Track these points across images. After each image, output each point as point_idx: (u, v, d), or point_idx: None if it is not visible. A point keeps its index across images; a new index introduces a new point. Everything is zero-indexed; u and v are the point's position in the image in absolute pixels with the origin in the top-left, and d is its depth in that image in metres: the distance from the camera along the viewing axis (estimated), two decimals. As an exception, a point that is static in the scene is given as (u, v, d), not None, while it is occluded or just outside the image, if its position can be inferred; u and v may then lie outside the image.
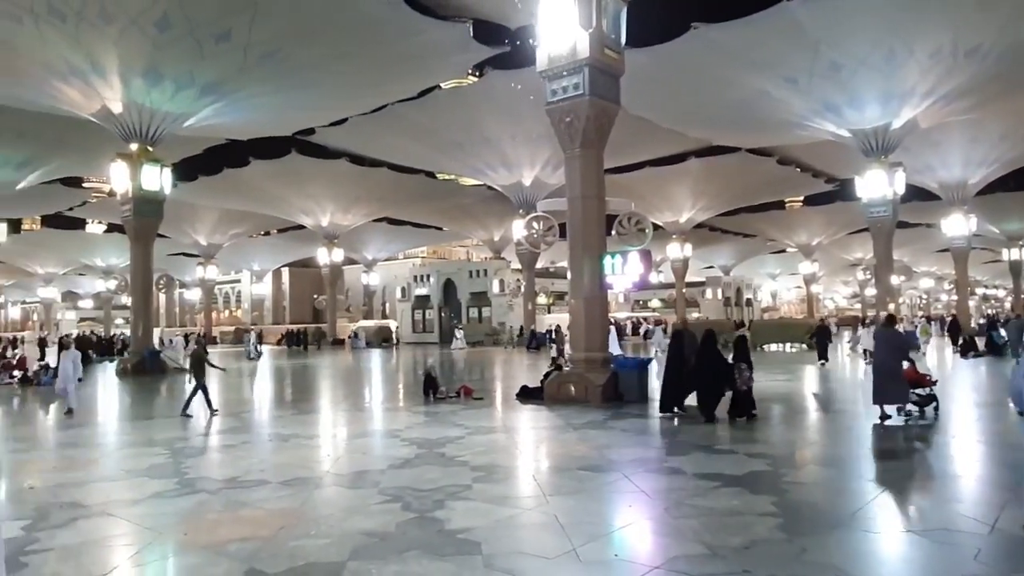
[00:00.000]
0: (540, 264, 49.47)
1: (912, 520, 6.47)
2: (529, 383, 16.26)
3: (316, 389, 21.13)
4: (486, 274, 52.65)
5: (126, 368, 25.92)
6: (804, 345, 31.20)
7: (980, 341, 27.62)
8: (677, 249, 54.43)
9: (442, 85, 34.84)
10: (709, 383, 11.94)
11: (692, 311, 64.87)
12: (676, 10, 28.15)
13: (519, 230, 35.24)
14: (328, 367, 29.33)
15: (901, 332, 12.90)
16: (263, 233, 67.80)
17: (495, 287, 51.32)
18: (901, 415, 11.25)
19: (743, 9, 24.51)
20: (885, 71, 26.35)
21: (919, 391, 11.58)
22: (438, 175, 51.95)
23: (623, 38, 15.71)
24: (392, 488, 7.46)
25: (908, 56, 25.47)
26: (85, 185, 55.17)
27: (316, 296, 70.39)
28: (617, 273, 15.20)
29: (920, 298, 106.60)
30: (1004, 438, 10.32)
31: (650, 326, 49.31)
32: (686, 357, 12.82)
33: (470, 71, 33.21)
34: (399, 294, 57.01)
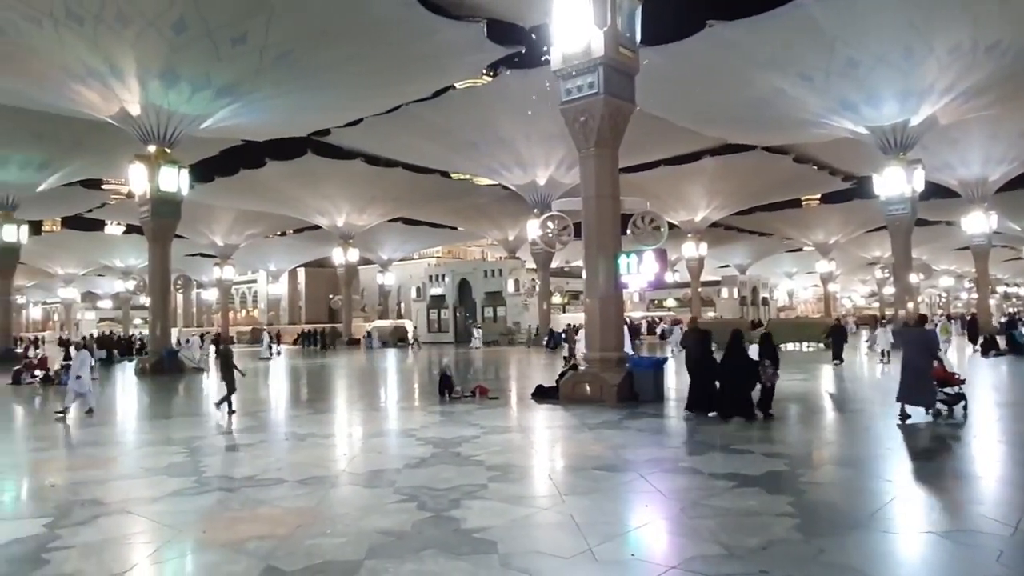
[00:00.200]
0: (555, 263, 49.43)
1: (932, 521, 6.39)
2: (544, 383, 16.25)
3: (332, 389, 21.23)
4: (501, 274, 52.64)
5: (145, 368, 26.18)
6: (821, 344, 30.96)
7: (1001, 340, 27.25)
8: (692, 248, 54.15)
9: (456, 85, 34.89)
10: (738, 382, 11.91)
11: (708, 310, 64.61)
12: (691, 8, 28.06)
13: (534, 230, 35.23)
14: (344, 367, 29.47)
15: (932, 332, 12.78)
16: (279, 233, 68.24)
17: (510, 287, 51.31)
18: (929, 414, 11.13)
19: (758, 7, 24.38)
20: (903, 68, 26.09)
21: (948, 390, 11.46)
22: (453, 175, 52.03)
23: (638, 36, 15.65)
24: (408, 487, 7.48)
25: (927, 52, 25.20)
26: (104, 187, 55.63)
27: (332, 296, 70.76)
28: (632, 272, 15.13)
29: (939, 296, 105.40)
30: (1026, 438, 10.18)
31: (667, 325, 49.09)
32: (704, 357, 12.92)
33: (484, 71, 33.22)
34: (414, 294, 57.12)
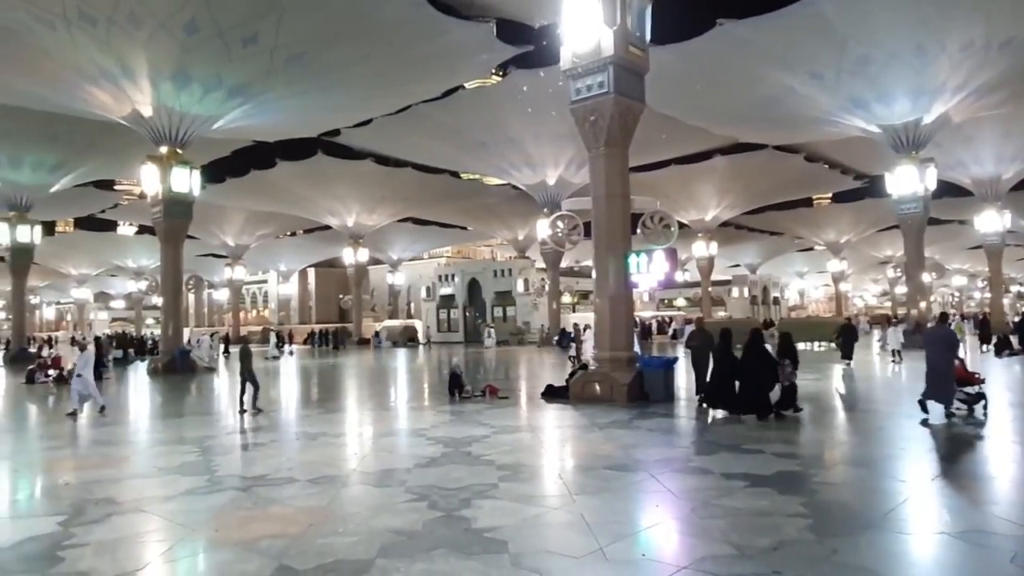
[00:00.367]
0: (564, 263, 49.35)
1: (946, 522, 6.34)
2: (554, 382, 16.25)
3: (342, 388, 21.29)
4: (511, 273, 52.63)
5: (157, 367, 26.36)
6: (832, 344, 30.78)
7: (1014, 339, 27.00)
8: (703, 247, 53.98)
9: (466, 85, 34.92)
10: (758, 381, 11.87)
11: (718, 310, 64.35)
12: (701, 6, 27.95)
13: (543, 229, 35.20)
14: (354, 366, 29.55)
15: (953, 330, 12.70)
16: (289, 234, 68.53)
17: (519, 286, 51.30)
18: (946, 414, 11.06)
19: (769, 5, 24.28)
20: (915, 65, 25.91)
21: (968, 389, 11.38)
22: (462, 175, 52.10)
23: (648, 35, 15.61)
24: (419, 487, 7.50)
25: (939, 50, 25.02)
26: (116, 188, 56.19)
27: (342, 296, 70.96)
28: (642, 272, 15.11)
29: (952, 296, 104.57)
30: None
31: (678, 325, 48.92)
32: (725, 355, 13.08)
33: (494, 71, 33.25)
34: (424, 294, 57.19)
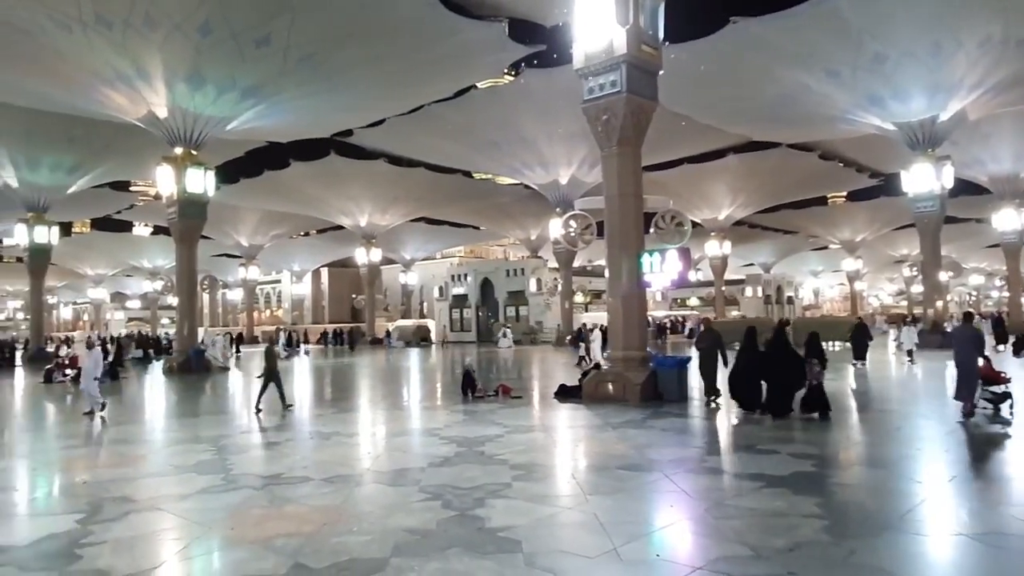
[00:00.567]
0: (577, 263, 49.29)
1: (964, 523, 6.28)
2: (567, 382, 16.23)
3: (355, 388, 21.36)
4: (523, 273, 52.64)
5: (172, 367, 26.57)
6: (848, 343, 30.55)
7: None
8: (716, 247, 53.75)
9: (478, 85, 34.93)
10: (784, 380, 11.79)
11: (731, 309, 64.03)
12: (715, 4, 27.81)
13: (556, 229, 35.16)
14: (367, 366, 29.64)
15: (980, 329, 12.58)
16: (303, 234, 68.87)
17: (532, 286, 51.31)
18: (971, 409, 10.96)
19: (783, 2, 24.12)
20: (931, 62, 25.67)
21: (994, 388, 11.26)
22: (475, 175, 52.14)
23: (661, 34, 15.56)
24: (432, 486, 7.51)
25: (956, 46, 24.78)
26: (132, 188, 56.68)
27: (355, 296, 71.25)
28: (655, 271, 15.06)
29: (969, 295, 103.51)
30: (1061, 439, 9.97)
31: (694, 324, 48.68)
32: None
33: (506, 70, 33.24)
34: (436, 293, 57.29)
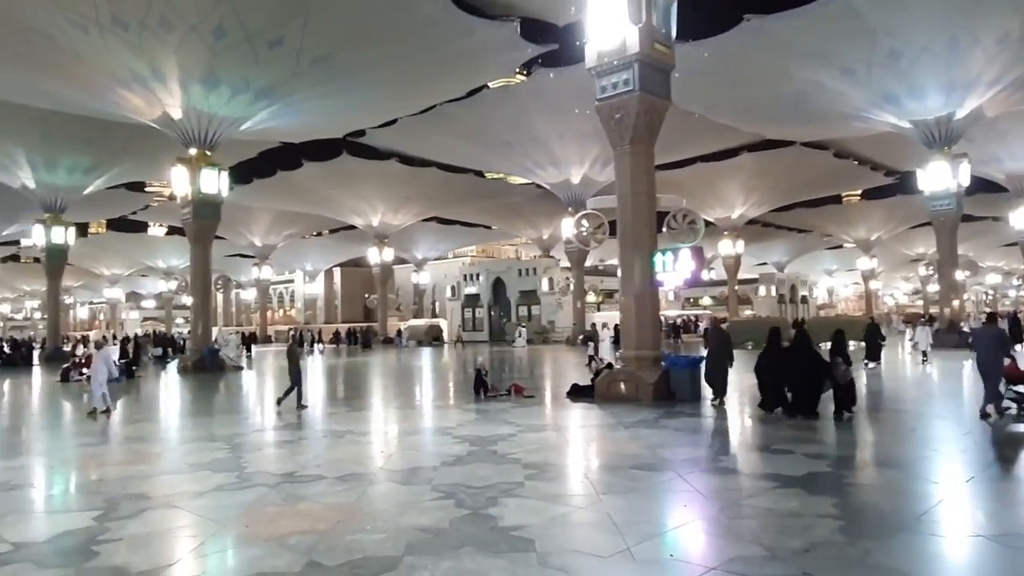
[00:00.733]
0: (589, 262, 49.23)
1: (981, 524, 6.21)
2: (580, 381, 16.21)
3: (368, 387, 21.42)
4: (535, 272, 52.66)
5: (186, 366, 26.78)
6: (862, 343, 30.32)
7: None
8: (729, 246, 53.52)
9: (490, 84, 34.97)
10: (807, 380, 11.69)
11: (745, 308, 63.70)
12: (728, 2, 27.69)
13: (568, 228, 35.13)
14: (380, 365, 29.74)
15: (1003, 329, 12.47)
16: (315, 234, 69.20)
17: (544, 285, 51.30)
18: (992, 409, 10.87)
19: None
20: (948, 59, 25.43)
21: (1020, 388, 11.14)
22: (487, 174, 52.21)
23: (674, 32, 15.49)
24: (445, 485, 7.52)
25: (973, 42, 24.53)
26: (147, 189, 57.15)
27: (367, 295, 71.46)
28: (668, 270, 15.01)
29: (986, 294, 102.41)
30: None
31: (709, 323, 48.44)
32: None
33: (518, 70, 33.26)
34: (449, 293, 57.43)
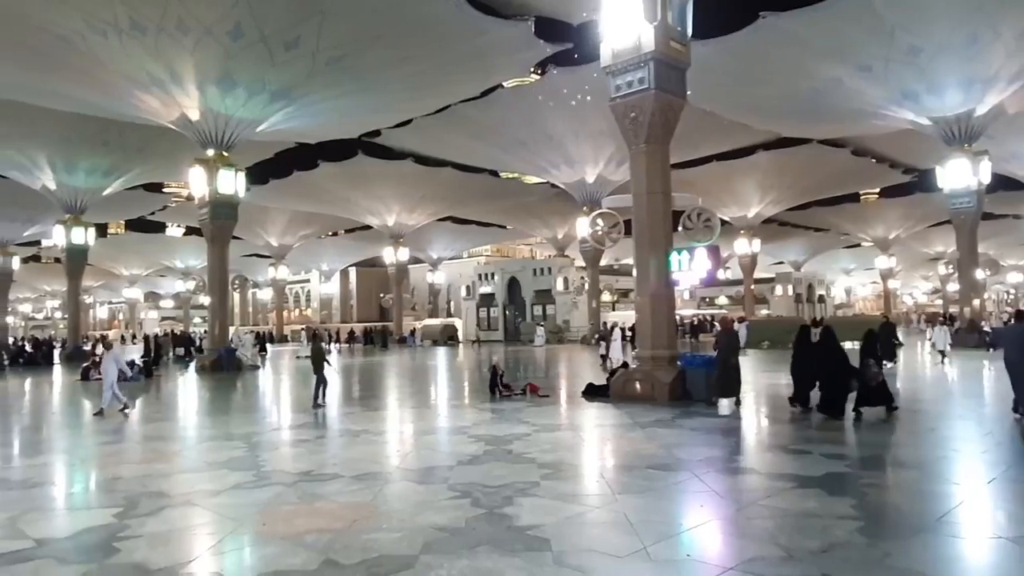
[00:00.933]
0: (604, 261, 49.15)
1: (1003, 526, 6.13)
2: (595, 381, 16.19)
3: (384, 386, 21.49)
4: (550, 272, 52.62)
5: (204, 365, 27.01)
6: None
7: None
8: (745, 245, 53.23)
9: (505, 84, 35.00)
10: (835, 380, 11.59)
11: (761, 308, 63.30)
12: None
13: (583, 227, 35.09)
14: (395, 364, 29.83)
15: None
16: (331, 234, 69.61)
17: (559, 285, 51.25)
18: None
19: (813, -4, 23.82)
20: (967, 55, 25.14)
21: None
22: (501, 174, 52.26)
23: (689, 30, 15.44)
24: (461, 484, 7.53)
25: (993, 38, 24.24)
26: (165, 190, 57.85)
27: (382, 295, 71.77)
28: (684, 269, 14.94)
29: (1007, 293, 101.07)
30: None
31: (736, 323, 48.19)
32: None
33: (533, 69, 33.26)
34: (464, 292, 57.53)
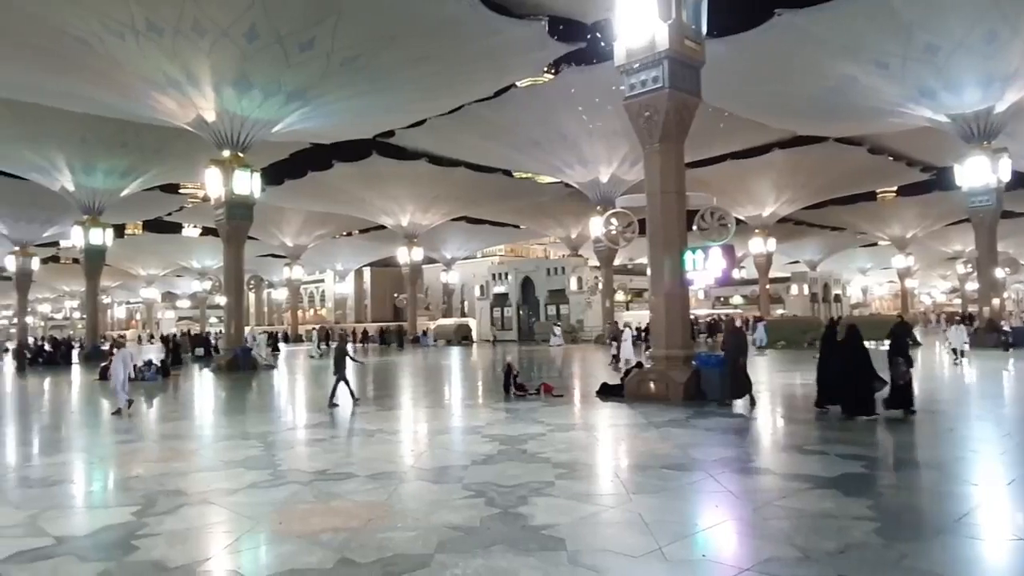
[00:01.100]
0: (618, 261, 49.04)
1: (1023, 527, 6.07)
2: (609, 380, 16.16)
3: (398, 386, 21.54)
4: (564, 271, 52.56)
5: (220, 365, 27.21)
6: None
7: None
8: (760, 244, 52.89)
9: (518, 84, 35.00)
10: (862, 379, 11.47)
11: (777, 307, 62.91)
12: (758, -3, 27.35)
13: (597, 227, 35.02)
14: (410, 364, 29.91)
15: None
16: (346, 234, 69.88)
17: (573, 284, 51.19)
18: None
19: (829, -7, 23.63)
20: (986, 52, 24.87)
21: None
22: (515, 174, 52.26)
23: (704, 28, 15.37)
24: (475, 484, 7.55)
25: (1012, 34, 23.96)
26: (181, 191, 58.33)
27: (396, 295, 72.00)
28: (698, 269, 14.89)
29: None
30: None
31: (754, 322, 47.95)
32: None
33: (546, 68, 33.24)
34: (478, 292, 57.57)
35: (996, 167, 29.25)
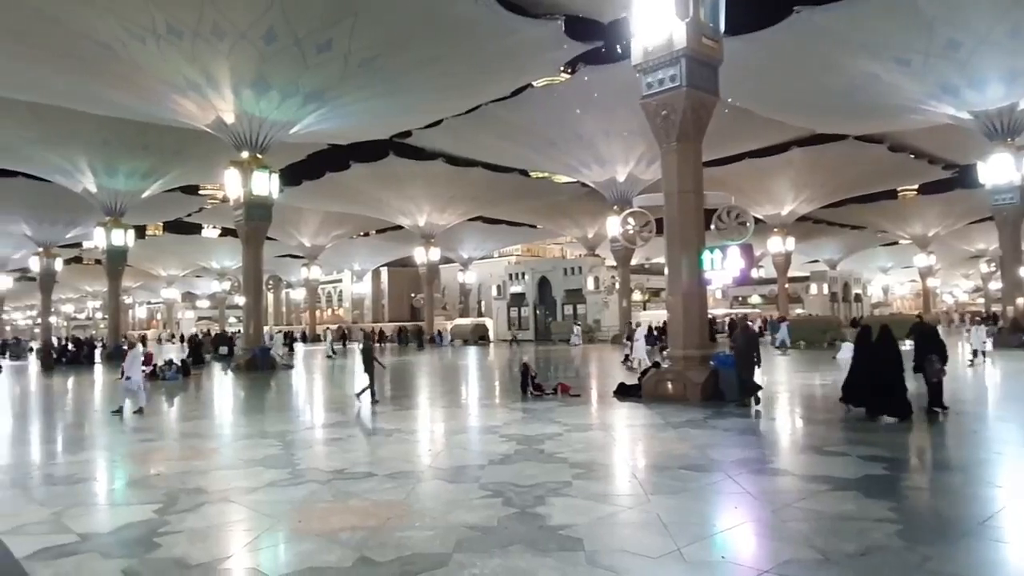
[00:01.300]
0: (635, 260, 48.83)
1: (1049, 531, 5.97)
2: (626, 380, 16.11)
3: (415, 385, 21.62)
4: (581, 271, 52.45)
5: (239, 364, 27.45)
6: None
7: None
8: (779, 243, 52.46)
9: (535, 83, 34.97)
10: (894, 378, 11.29)
11: (796, 307, 62.39)
12: (777, -6, 27.14)
13: (614, 226, 34.90)
14: (427, 364, 29.99)
15: None
16: (363, 234, 70.18)
17: (590, 284, 51.08)
18: None
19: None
20: (1009, 48, 24.50)
21: None
22: (532, 173, 52.20)
23: (722, 26, 15.26)
24: (493, 483, 7.55)
25: (1037, 30, 23.57)
26: (201, 192, 58.77)
27: (414, 295, 72.24)
28: (716, 268, 14.81)
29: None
30: None
31: (774, 321, 47.52)
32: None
33: (563, 68, 33.17)
34: (494, 292, 57.60)
35: (1020, 164, 28.84)
